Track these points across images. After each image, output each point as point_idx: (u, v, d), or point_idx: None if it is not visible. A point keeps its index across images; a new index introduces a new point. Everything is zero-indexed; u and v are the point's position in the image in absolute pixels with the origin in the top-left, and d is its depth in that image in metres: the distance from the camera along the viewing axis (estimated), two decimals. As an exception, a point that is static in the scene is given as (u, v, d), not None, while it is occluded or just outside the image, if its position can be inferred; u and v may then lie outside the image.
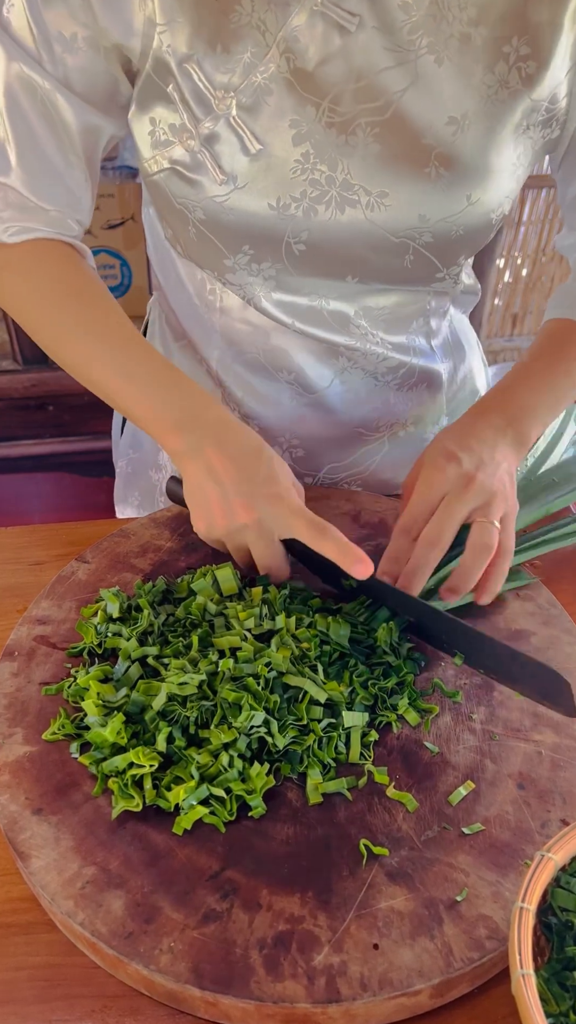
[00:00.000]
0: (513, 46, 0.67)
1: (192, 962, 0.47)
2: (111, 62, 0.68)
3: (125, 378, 0.71)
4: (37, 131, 0.69)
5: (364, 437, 0.92)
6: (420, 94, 0.67)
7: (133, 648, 0.64)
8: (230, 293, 0.81)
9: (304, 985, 0.47)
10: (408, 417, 0.92)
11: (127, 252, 2.27)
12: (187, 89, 0.67)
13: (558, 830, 0.55)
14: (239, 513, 0.66)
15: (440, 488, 0.69)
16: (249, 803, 0.55)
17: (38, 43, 0.66)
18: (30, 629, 0.69)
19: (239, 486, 0.66)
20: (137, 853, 0.53)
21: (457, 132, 0.69)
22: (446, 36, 0.65)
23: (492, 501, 0.69)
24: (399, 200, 0.72)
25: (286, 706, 0.59)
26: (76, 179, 0.73)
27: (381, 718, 0.62)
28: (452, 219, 0.73)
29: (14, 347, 2.23)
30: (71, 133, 0.70)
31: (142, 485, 1.02)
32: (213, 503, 0.67)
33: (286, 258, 0.75)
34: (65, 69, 0.67)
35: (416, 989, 0.47)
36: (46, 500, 2.41)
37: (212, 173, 0.70)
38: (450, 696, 0.64)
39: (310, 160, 0.69)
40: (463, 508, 0.68)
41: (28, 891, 0.54)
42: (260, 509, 0.66)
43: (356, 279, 0.78)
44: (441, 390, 0.93)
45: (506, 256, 2.46)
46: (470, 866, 0.53)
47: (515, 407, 0.75)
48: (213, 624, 0.67)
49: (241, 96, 0.66)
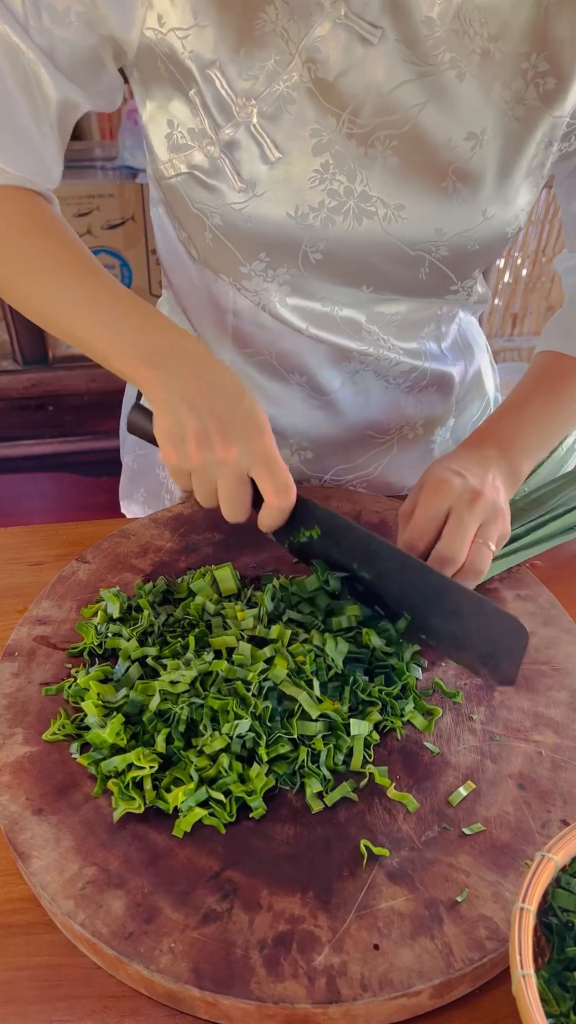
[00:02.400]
0: (531, 63, 0.67)
1: (192, 962, 0.47)
2: (102, 46, 0.67)
3: (94, 313, 0.68)
4: (14, 97, 0.67)
5: (374, 440, 0.92)
6: (439, 109, 0.67)
7: (133, 648, 0.64)
8: (243, 296, 0.81)
9: (304, 985, 0.47)
10: (418, 419, 0.92)
11: (127, 252, 2.27)
12: (209, 95, 0.66)
13: (558, 830, 0.55)
14: (216, 446, 0.63)
15: (446, 499, 0.67)
16: (249, 804, 0.55)
17: (27, 7, 0.64)
18: (30, 629, 0.69)
19: (220, 417, 0.63)
20: (137, 853, 0.53)
21: (475, 147, 0.69)
22: (468, 52, 0.65)
23: (494, 520, 0.68)
24: (416, 213, 0.72)
25: (279, 718, 0.59)
26: (48, 148, 0.71)
27: (386, 723, 0.62)
28: (468, 233, 0.73)
29: (14, 347, 2.23)
30: (49, 104, 0.68)
31: (148, 482, 1.02)
32: (189, 433, 0.64)
33: (302, 266, 0.75)
34: (51, 39, 0.65)
35: (416, 990, 0.47)
36: (46, 500, 2.40)
37: (231, 180, 0.69)
38: (451, 696, 0.64)
39: (329, 170, 0.69)
40: (473, 522, 0.67)
41: (28, 891, 0.54)
42: (238, 444, 0.63)
43: (371, 289, 0.78)
44: (452, 392, 0.93)
45: (506, 256, 2.46)
46: (470, 866, 0.53)
47: (508, 441, 0.75)
48: (211, 624, 0.67)
49: (263, 104, 0.66)
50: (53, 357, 2.26)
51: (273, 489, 0.64)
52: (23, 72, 0.66)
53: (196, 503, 0.84)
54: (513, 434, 0.75)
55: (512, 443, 0.75)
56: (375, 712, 0.61)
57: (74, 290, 0.68)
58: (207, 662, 0.61)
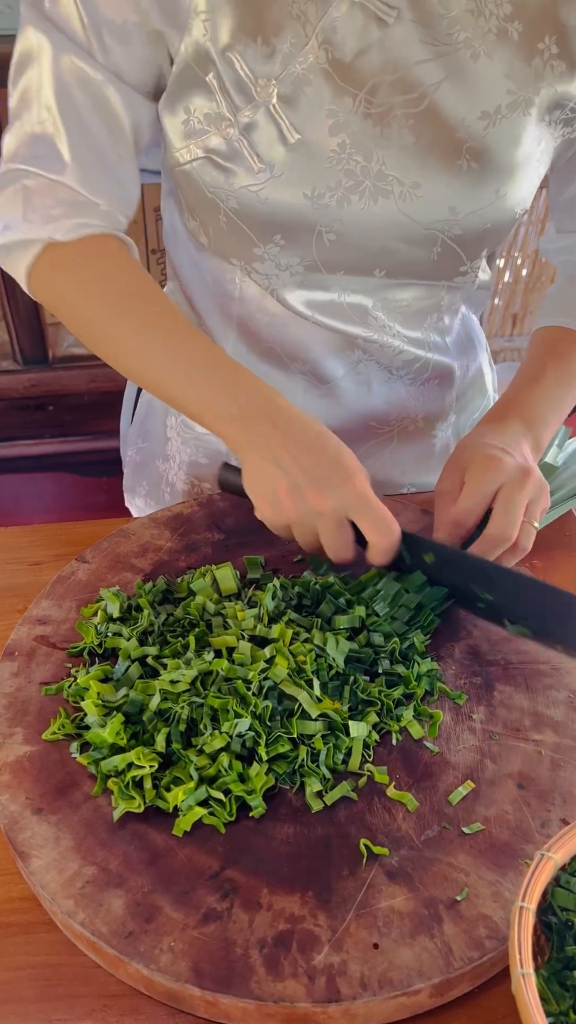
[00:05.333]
0: (546, 43, 0.68)
1: (192, 961, 0.48)
2: (157, 49, 0.68)
3: (182, 371, 0.70)
4: (90, 126, 0.69)
5: (374, 430, 0.92)
6: (455, 88, 0.68)
7: (133, 648, 0.64)
8: (250, 283, 0.81)
9: (304, 985, 0.47)
10: (419, 412, 0.93)
11: (127, 252, 2.27)
12: (228, 78, 0.67)
13: (558, 829, 0.55)
14: (310, 499, 0.65)
15: (497, 477, 0.68)
16: (249, 803, 0.55)
17: (88, 31, 0.65)
18: (30, 629, 0.69)
19: (308, 471, 0.65)
20: (137, 852, 0.53)
21: (489, 126, 0.70)
22: (483, 31, 0.66)
23: (539, 498, 0.70)
24: (431, 192, 0.72)
25: (280, 717, 0.59)
26: (127, 171, 0.73)
27: (383, 726, 0.61)
28: (480, 212, 0.74)
29: (14, 347, 2.23)
30: (123, 125, 0.70)
31: (150, 475, 1.03)
32: (280, 491, 0.65)
33: (316, 248, 0.75)
34: (116, 58, 0.67)
35: (416, 988, 0.47)
36: (46, 500, 2.40)
37: (250, 162, 0.70)
38: (454, 698, 0.64)
39: (346, 150, 0.70)
40: (523, 500, 0.68)
41: (28, 891, 0.54)
42: (331, 495, 0.64)
43: (383, 272, 0.79)
44: (452, 387, 0.94)
45: (506, 256, 2.46)
46: (470, 866, 0.53)
47: (530, 414, 0.76)
48: (211, 624, 0.67)
49: (281, 86, 0.67)
50: (53, 357, 2.26)
51: (374, 529, 0.65)
52: (94, 96, 0.68)
53: (196, 503, 0.84)
54: (534, 408, 0.77)
55: (534, 416, 0.76)
56: (372, 713, 0.61)
57: (162, 354, 0.70)
58: (207, 661, 0.61)
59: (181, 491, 0.98)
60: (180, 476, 0.98)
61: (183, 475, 0.97)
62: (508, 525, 0.67)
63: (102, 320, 0.73)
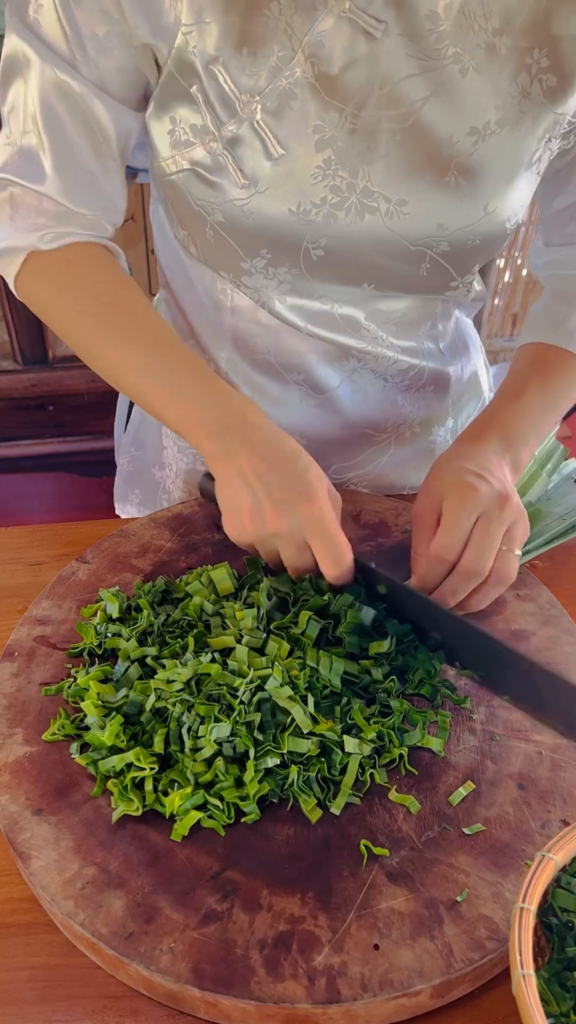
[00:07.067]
0: (535, 57, 0.66)
1: (192, 962, 0.47)
2: (143, 60, 0.68)
3: (160, 382, 0.70)
4: (74, 138, 0.69)
5: (371, 438, 0.92)
6: (443, 103, 0.67)
7: (133, 648, 0.64)
8: (242, 294, 0.81)
9: (304, 986, 0.47)
10: (415, 418, 0.92)
11: (127, 252, 2.25)
12: (212, 91, 0.66)
13: (558, 830, 0.55)
14: (269, 520, 0.65)
15: (476, 508, 0.66)
16: (243, 809, 0.55)
17: (71, 44, 0.65)
18: (30, 629, 0.69)
19: (271, 493, 0.64)
20: (137, 853, 0.53)
21: (478, 143, 0.69)
22: (472, 46, 0.65)
23: (518, 523, 0.68)
24: (418, 208, 0.72)
25: (273, 731, 0.58)
26: (112, 183, 0.73)
27: (388, 755, 0.59)
28: (469, 228, 0.73)
29: (14, 347, 2.23)
30: (108, 137, 0.70)
31: (144, 483, 1.02)
32: (244, 509, 0.66)
33: (303, 263, 0.75)
34: (99, 70, 0.67)
35: (416, 990, 0.47)
36: (46, 500, 2.41)
37: (233, 176, 0.69)
38: (459, 703, 0.64)
39: (332, 166, 0.69)
40: (500, 530, 0.66)
41: (28, 891, 0.54)
42: (289, 516, 0.64)
43: (372, 286, 0.78)
44: (449, 392, 0.93)
45: (506, 256, 2.46)
46: (470, 866, 0.53)
47: (509, 432, 0.75)
48: (210, 624, 0.66)
49: (266, 100, 0.66)
50: (53, 357, 2.26)
51: (325, 558, 0.65)
52: (77, 109, 0.68)
53: (195, 503, 0.84)
54: (514, 426, 0.75)
55: (513, 435, 0.75)
56: (371, 731, 0.59)
57: (144, 364, 0.71)
58: (203, 663, 0.61)
59: (179, 499, 0.98)
60: (178, 484, 0.97)
61: (180, 483, 0.97)
62: (479, 559, 0.65)
63: (83, 330, 0.73)
